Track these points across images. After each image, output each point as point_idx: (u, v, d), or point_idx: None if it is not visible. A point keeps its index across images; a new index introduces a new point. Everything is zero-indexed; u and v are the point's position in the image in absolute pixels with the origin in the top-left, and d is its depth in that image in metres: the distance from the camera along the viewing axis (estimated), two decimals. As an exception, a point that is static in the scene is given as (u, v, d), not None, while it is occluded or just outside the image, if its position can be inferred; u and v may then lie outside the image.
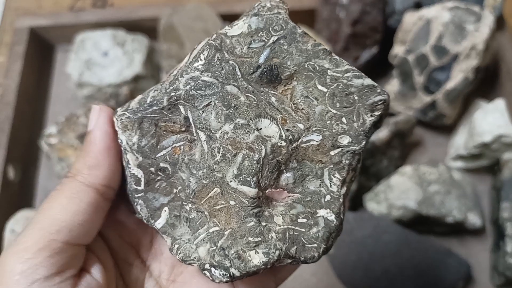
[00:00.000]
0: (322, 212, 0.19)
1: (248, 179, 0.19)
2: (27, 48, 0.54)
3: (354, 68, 0.20)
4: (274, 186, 0.19)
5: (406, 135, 0.48)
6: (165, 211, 0.20)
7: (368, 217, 0.44)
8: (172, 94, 0.19)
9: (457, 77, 0.46)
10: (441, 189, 0.45)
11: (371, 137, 0.46)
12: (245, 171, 0.19)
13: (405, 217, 0.44)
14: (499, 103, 0.46)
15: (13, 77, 0.52)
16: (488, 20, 0.45)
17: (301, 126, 0.19)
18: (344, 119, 0.19)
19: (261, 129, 0.19)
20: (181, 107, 0.19)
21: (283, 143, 0.19)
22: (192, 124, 0.19)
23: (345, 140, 0.19)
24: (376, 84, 0.20)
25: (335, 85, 0.19)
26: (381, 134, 0.46)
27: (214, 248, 0.19)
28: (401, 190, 0.45)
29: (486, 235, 0.46)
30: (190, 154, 0.20)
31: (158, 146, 0.20)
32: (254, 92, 0.19)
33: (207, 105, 0.19)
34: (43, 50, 0.58)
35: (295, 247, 0.19)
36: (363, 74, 0.20)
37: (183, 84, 0.19)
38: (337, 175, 0.19)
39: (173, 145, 0.20)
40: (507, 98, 0.49)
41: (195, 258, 0.19)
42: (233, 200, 0.19)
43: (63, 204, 0.17)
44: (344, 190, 0.20)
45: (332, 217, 0.19)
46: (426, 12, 0.47)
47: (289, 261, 0.19)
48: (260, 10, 0.20)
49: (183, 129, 0.20)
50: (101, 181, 0.18)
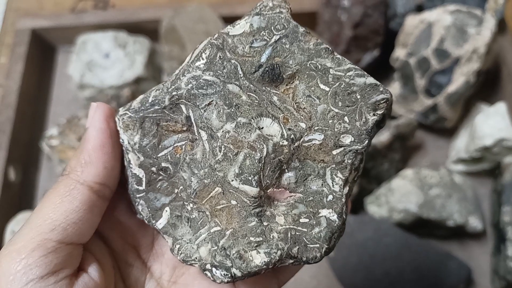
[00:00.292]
0: (325, 212, 0.19)
1: (250, 178, 0.19)
2: (29, 49, 0.54)
3: (357, 67, 0.19)
4: (276, 186, 0.19)
5: (407, 138, 0.48)
6: (166, 211, 0.20)
7: (369, 220, 0.44)
8: (174, 94, 0.19)
9: (459, 81, 0.46)
10: (442, 193, 0.45)
11: (373, 139, 0.46)
12: (247, 170, 0.19)
13: (406, 221, 0.44)
14: (500, 107, 0.46)
15: (15, 78, 0.52)
16: (490, 24, 0.45)
17: (303, 125, 0.19)
18: (347, 118, 0.19)
19: (263, 128, 0.19)
20: (183, 106, 0.19)
21: (285, 142, 0.19)
22: (194, 123, 0.19)
23: (348, 140, 0.19)
24: (379, 83, 0.19)
25: (337, 84, 0.19)
26: (382, 137, 0.46)
27: (216, 248, 0.19)
28: (402, 194, 0.45)
29: (487, 239, 0.46)
30: (192, 154, 0.20)
31: (160, 146, 0.20)
32: (256, 91, 0.19)
33: (209, 104, 0.19)
34: (45, 52, 0.58)
35: (297, 247, 0.19)
36: (366, 73, 0.19)
37: (185, 83, 0.19)
38: (340, 175, 0.19)
39: (175, 145, 0.20)
40: (509, 102, 0.49)
41: (196, 258, 0.19)
42: (235, 200, 0.19)
43: (56, 203, 0.17)
44: (347, 190, 0.20)
45: (335, 217, 0.19)
46: (428, 15, 0.47)
47: (291, 262, 0.19)
48: (262, 10, 0.20)
49: (185, 129, 0.20)
50: (95, 179, 0.18)
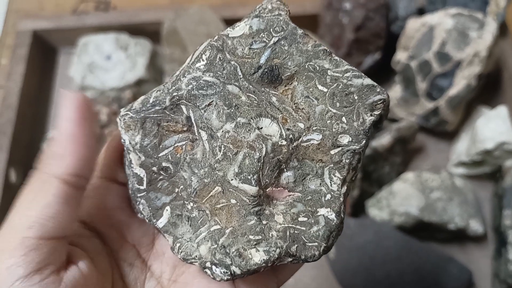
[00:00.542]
0: (323, 211, 0.19)
1: (249, 177, 0.19)
2: (30, 51, 0.54)
3: (354, 68, 0.20)
4: (275, 185, 0.20)
5: (408, 141, 0.48)
6: (167, 210, 0.20)
7: (370, 223, 0.44)
8: (175, 94, 0.20)
9: (460, 84, 0.46)
10: (443, 196, 0.45)
11: (373, 142, 0.46)
12: (246, 170, 0.19)
13: (407, 224, 0.44)
14: (502, 110, 0.46)
15: (16, 80, 0.52)
16: (491, 27, 0.45)
17: (302, 126, 0.20)
18: (344, 119, 0.20)
19: (262, 128, 0.19)
20: (183, 107, 0.20)
21: (284, 142, 0.19)
22: (194, 124, 0.20)
23: (345, 140, 0.19)
24: (376, 84, 0.20)
25: (335, 85, 0.20)
26: (383, 140, 0.46)
27: (215, 246, 0.19)
28: (403, 197, 0.45)
29: (488, 242, 0.46)
30: (192, 154, 0.20)
31: (161, 146, 0.20)
32: (255, 92, 0.19)
33: (209, 105, 0.19)
34: (46, 53, 0.58)
35: (296, 246, 0.19)
36: (363, 74, 0.20)
37: (185, 84, 0.19)
38: (338, 174, 0.20)
39: (175, 145, 0.20)
40: (510, 105, 0.49)
41: (196, 257, 0.19)
42: (234, 199, 0.19)
43: (30, 199, 0.17)
44: (345, 189, 0.20)
45: (333, 216, 0.19)
46: (429, 19, 0.47)
47: (290, 260, 0.19)
48: (261, 12, 0.20)
49: (185, 129, 0.20)
50: (68, 170, 0.17)
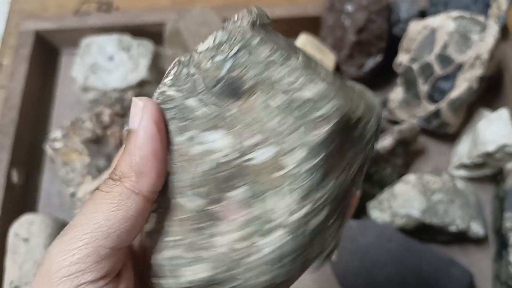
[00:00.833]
0: (278, 233, 0.18)
1: (188, 193, 0.18)
2: (32, 51, 0.55)
3: (310, 73, 0.18)
4: (225, 202, 0.18)
5: (410, 143, 0.48)
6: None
7: (372, 225, 0.44)
8: None
9: (462, 86, 0.46)
10: (445, 198, 0.45)
11: (377, 144, 0.46)
12: (191, 184, 0.18)
13: (409, 226, 0.45)
14: (503, 113, 0.47)
15: (18, 80, 0.52)
16: (493, 30, 0.45)
17: (258, 138, 0.18)
18: (302, 129, 0.18)
19: (213, 142, 0.18)
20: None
21: (235, 155, 0.18)
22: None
23: (302, 153, 0.18)
24: (331, 90, 0.18)
25: (291, 94, 0.18)
26: (385, 142, 0.46)
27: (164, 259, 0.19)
28: (405, 199, 0.45)
29: (489, 244, 0.47)
30: None
31: None
32: (215, 105, 0.19)
33: (172, 118, 0.19)
34: (48, 54, 0.58)
35: (238, 269, 0.18)
36: (320, 81, 0.18)
37: (155, 98, 0.19)
38: (296, 191, 0.18)
39: None
40: (511, 108, 0.49)
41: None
42: (182, 213, 0.19)
43: (111, 210, 0.17)
44: (305, 209, 0.18)
45: (288, 238, 0.18)
46: (431, 21, 0.47)
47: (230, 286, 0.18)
48: (227, 24, 0.19)
49: None
50: (149, 188, 0.18)
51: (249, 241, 0.18)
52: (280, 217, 0.18)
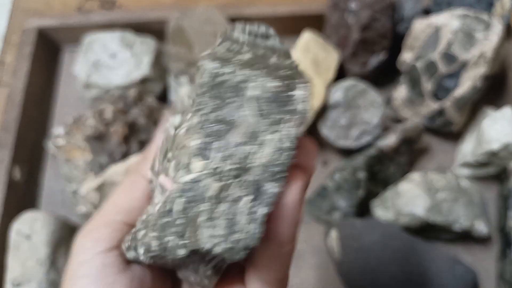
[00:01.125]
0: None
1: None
2: (35, 49, 0.54)
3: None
4: (165, 174, 0.18)
5: (414, 142, 0.48)
6: None
7: (376, 224, 0.44)
8: None
9: (466, 85, 0.46)
10: (449, 197, 0.45)
11: (379, 142, 0.46)
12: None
13: (413, 224, 0.44)
14: (507, 111, 0.46)
15: (21, 78, 0.52)
16: (497, 29, 0.45)
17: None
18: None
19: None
20: None
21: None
22: None
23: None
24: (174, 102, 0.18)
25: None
26: (389, 140, 0.46)
27: None
28: (409, 197, 0.45)
29: (492, 243, 0.46)
30: None
31: None
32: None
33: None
34: (51, 51, 0.58)
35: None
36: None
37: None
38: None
39: None
40: (515, 106, 0.49)
41: None
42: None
43: (123, 192, 0.21)
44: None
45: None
46: (435, 20, 0.47)
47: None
48: None
49: None
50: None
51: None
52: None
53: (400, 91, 0.51)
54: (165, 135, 0.19)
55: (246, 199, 0.15)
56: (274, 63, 0.18)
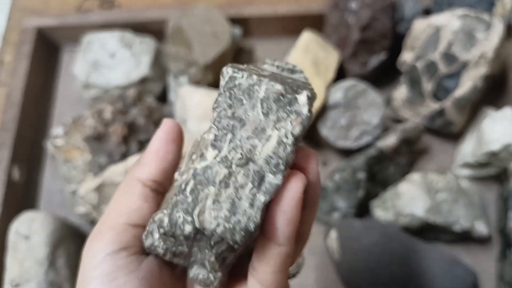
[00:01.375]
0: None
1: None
2: (34, 48, 0.54)
3: None
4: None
5: (414, 142, 0.48)
6: None
7: (376, 225, 0.43)
8: None
9: (466, 85, 0.46)
10: (449, 197, 0.45)
11: (379, 142, 0.46)
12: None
13: (412, 225, 0.44)
14: (508, 112, 0.46)
15: (20, 77, 0.52)
16: (498, 29, 0.45)
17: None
18: None
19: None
20: None
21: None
22: None
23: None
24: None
25: None
26: (389, 141, 0.46)
27: None
28: (409, 198, 0.44)
29: (492, 244, 0.46)
30: None
31: None
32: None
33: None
34: (50, 51, 0.58)
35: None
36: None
37: None
38: None
39: None
40: (515, 107, 0.49)
41: None
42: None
43: (121, 195, 0.22)
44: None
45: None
46: (436, 20, 0.47)
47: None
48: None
49: None
50: (148, 176, 0.21)
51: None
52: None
53: (400, 92, 0.50)
54: (194, 142, 0.21)
55: (250, 186, 0.17)
56: (286, 79, 0.20)
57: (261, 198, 0.17)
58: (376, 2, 0.48)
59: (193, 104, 0.48)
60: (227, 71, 0.19)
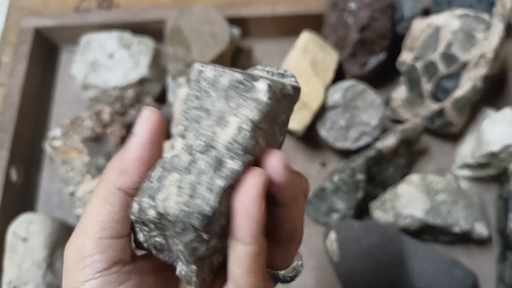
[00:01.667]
0: None
1: None
2: (32, 49, 0.54)
3: None
4: None
5: (413, 143, 0.48)
6: None
7: (375, 226, 0.43)
8: None
9: (466, 85, 0.45)
10: (448, 199, 0.44)
11: (378, 143, 0.45)
12: None
13: (412, 226, 0.44)
14: (507, 112, 0.46)
15: (18, 78, 0.52)
16: (498, 29, 0.44)
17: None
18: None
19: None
20: None
21: None
22: None
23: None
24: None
25: None
26: (388, 142, 0.46)
27: None
28: (408, 199, 0.44)
29: (492, 245, 0.46)
30: None
31: None
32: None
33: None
34: (48, 51, 0.58)
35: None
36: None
37: None
38: None
39: None
40: (515, 107, 0.48)
41: None
42: None
43: (100, 205, 0.20)
44: None
45: None
46: (435, 20, 0.47)
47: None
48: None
49: None
50: (130, 185, 0.20)
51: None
52: None
53: (400, 92, 0.50)
54: None
55: (209, 171, 0.18)
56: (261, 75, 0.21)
57: (219, 183, 0.17)
58: (375, 2, 0.48)
59: (192, 105, 0.47)
60: (196, 67, 0.20)
